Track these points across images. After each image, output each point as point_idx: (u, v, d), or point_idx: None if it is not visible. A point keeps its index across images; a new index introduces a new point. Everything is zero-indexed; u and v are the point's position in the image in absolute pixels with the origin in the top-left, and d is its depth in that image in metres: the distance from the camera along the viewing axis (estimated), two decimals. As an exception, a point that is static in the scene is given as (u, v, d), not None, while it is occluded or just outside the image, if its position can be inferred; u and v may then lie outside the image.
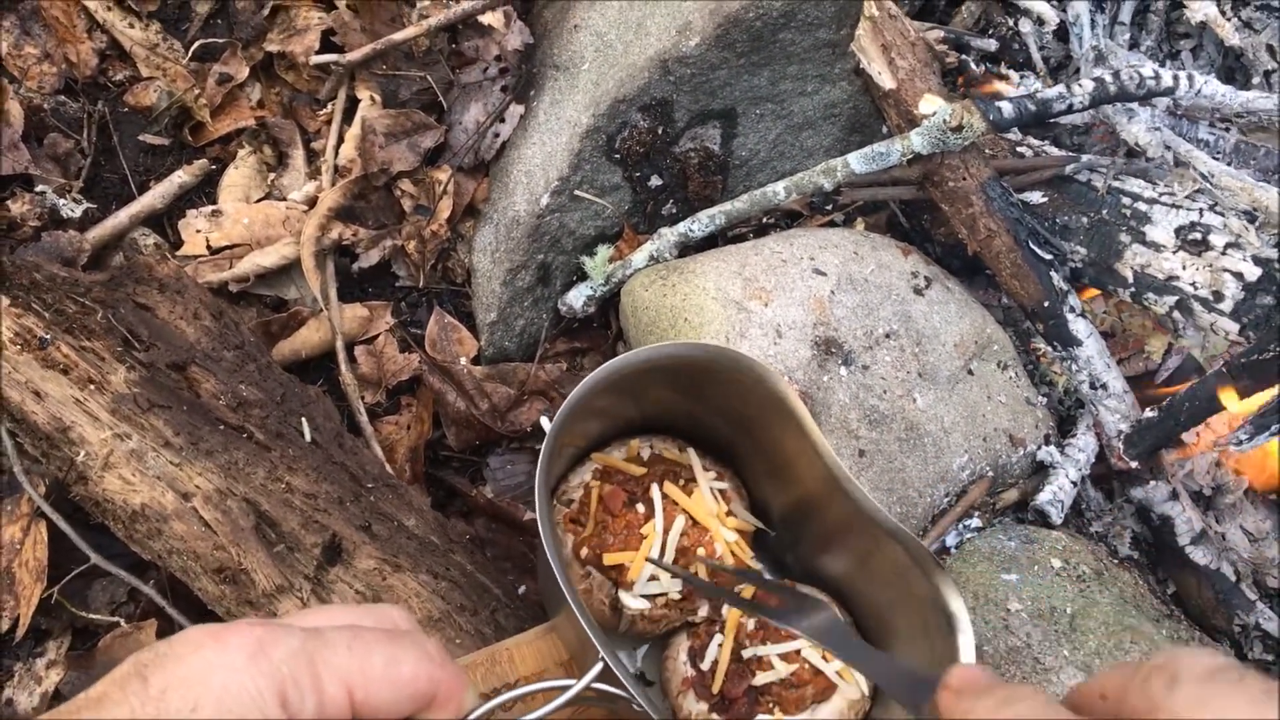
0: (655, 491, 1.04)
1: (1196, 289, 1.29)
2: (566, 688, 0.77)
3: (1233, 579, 1.40)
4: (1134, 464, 1.35)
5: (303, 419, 1.21)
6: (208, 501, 1.09)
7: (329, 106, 1.50)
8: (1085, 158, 1.35)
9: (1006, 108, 1.23)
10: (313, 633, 0.56)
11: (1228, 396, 1.20)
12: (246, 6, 1.53)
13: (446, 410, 1.35)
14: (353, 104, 1.50)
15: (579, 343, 1.44)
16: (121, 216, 1.38)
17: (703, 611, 1.04)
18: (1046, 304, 1.31)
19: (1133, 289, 1.33)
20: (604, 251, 1.38)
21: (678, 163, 1.39)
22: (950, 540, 1.28)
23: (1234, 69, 1.63)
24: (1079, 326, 1.32)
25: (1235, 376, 1.25)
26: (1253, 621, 1.38)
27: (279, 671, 0.53)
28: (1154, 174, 1.39)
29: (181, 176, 1.42)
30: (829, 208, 1.45)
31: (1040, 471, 1.37)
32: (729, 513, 1.07)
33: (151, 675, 0.52)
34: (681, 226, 1.33)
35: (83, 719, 0.51)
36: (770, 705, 0.98)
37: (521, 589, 1.21)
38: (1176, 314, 1.31)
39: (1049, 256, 1.31)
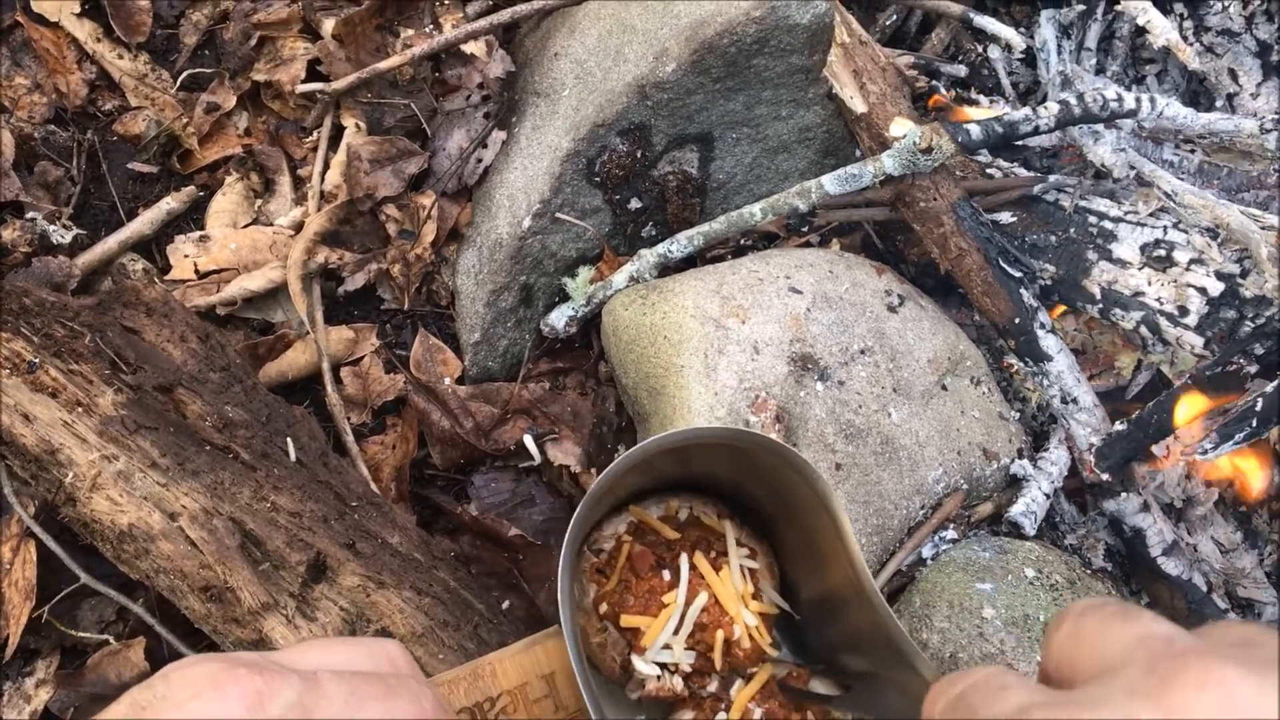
0: (684, 561, 1.02)
1: (1162, 304, 1.32)
2: None
3: (1204, 589, 1.42)
4: (1105, 476, 1.38)
5: (288, 439, 1.23)
6: (194, 521, 1.11)
7: (315, 134, 1.53)
8: (1053, 178, 1.39)
9: (975, 130, 1.26)
10: (311, 683, 0.56)
11: (1188, 403, 1.23)
12: (234, 37, 1.56)
13: (431, 429, 1.37)
14: (338, 131, 1.53)
15: (561, 362, 1.47)
16: (110, 243, 1.41)
17: (711, 687, 1.02)
18: (1017, 320, 1.34)
19: (1100, 305, 1.36)
20: (585, 273, 1.41)
21: (657, 186, 1.43)
22: (927, 551, 1.31)
23: (1198, 93, 1.67)
24: (1049, 342, 1.36)
25: (1200, 389, 1.29)
26: (1224, 631, 1.41)
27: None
28: (1120, 194, 1.43)
29: (170, 203, 1.45)
30: (805, 229, 1.49)
31: (1014, 484, 1.40)
32: (755, 594, 1.04)
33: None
34: (661, 247, 1.36)
35: None
36: None
37: (505, 604, 1.23)
38: (1143, 329, 1.35)
39: (1019, 274, 1.34)
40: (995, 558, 1.27)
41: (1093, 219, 1.38)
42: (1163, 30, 1.49)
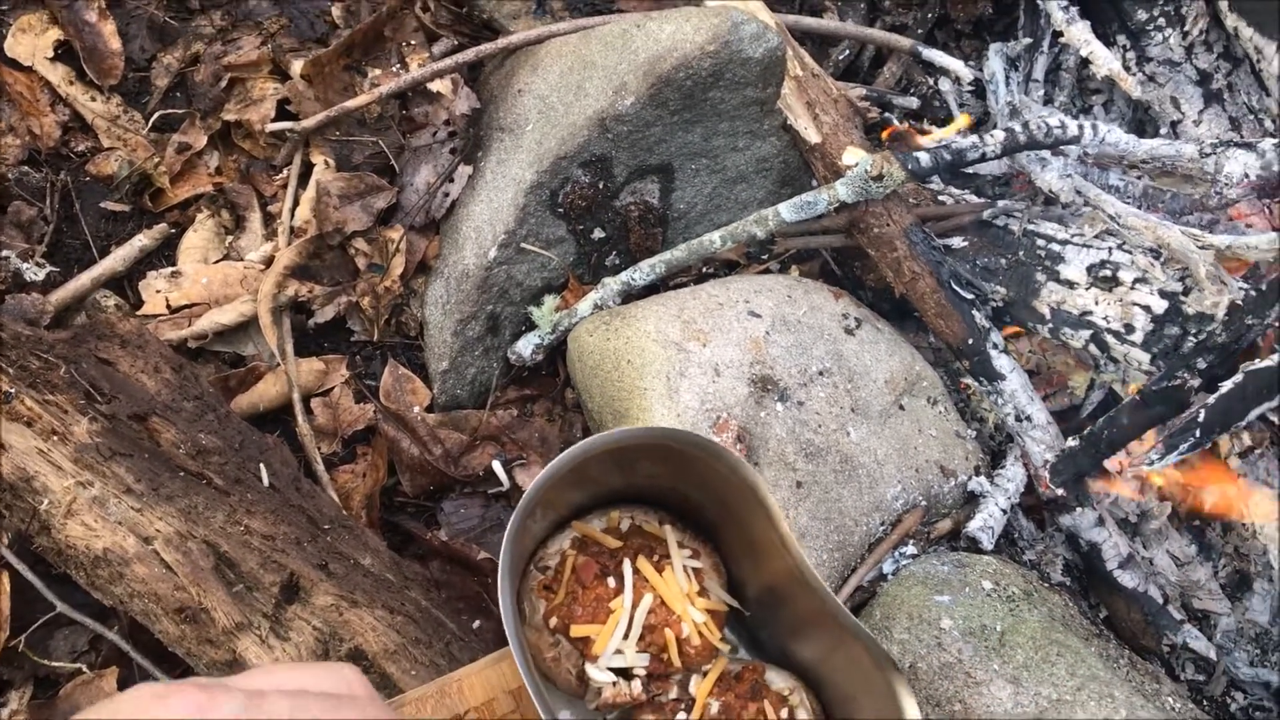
0: (627, 566, 1.06)
1: (1109, 322, 1.37)
2: None
3: (1160, 601, 1.46)
4: (1060, 492, 1.42)
5: (260, 465, 1.25)
6: (168, 544, 1.13)
7: (285, 171, 1.56)
8: (1001, 203, 1.44)
9: (924, 157, 1.31)
10: (256, 698, 0.57)
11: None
12: (204, 79, 1.60)
13: (401, 457, 1.40)
14: (308, 168, 1.56)
15: (529, 390, 1.50)
16: (83, 279, 1.43)
17: (672, 693, 1.05)
18: (970, 341, 1.38)
19: (1051, 325, 1.41)
20: (550, 301, 1.44)
21: (619, 216, 1.47)
22: (887, 567, 1.34)
23: (1144, 121, 1.73)
24: (1002, 362, 1.40)
25: (1149, 404, 1.33)
26: (1181, 641, 1.44)
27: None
28: (1068, 218, 1.48)
29: (142, 240, 1.48)
30: (765, 256, 1.53)
31: (972, 501, 1.43)
32: (701, 591, 1.08)
33: None
34: (624, 275, 1.39)
35: None
36: None
37: (476, 624, 1.26)
38: (1092, 347, 1.39)
39: (970, 296, 1.38)
40: (954, 571, 1.30)
41: (1041, 242, 1.43)
42: (1105, 61, 1.55)
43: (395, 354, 1.51)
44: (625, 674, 1.04)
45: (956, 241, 1.45)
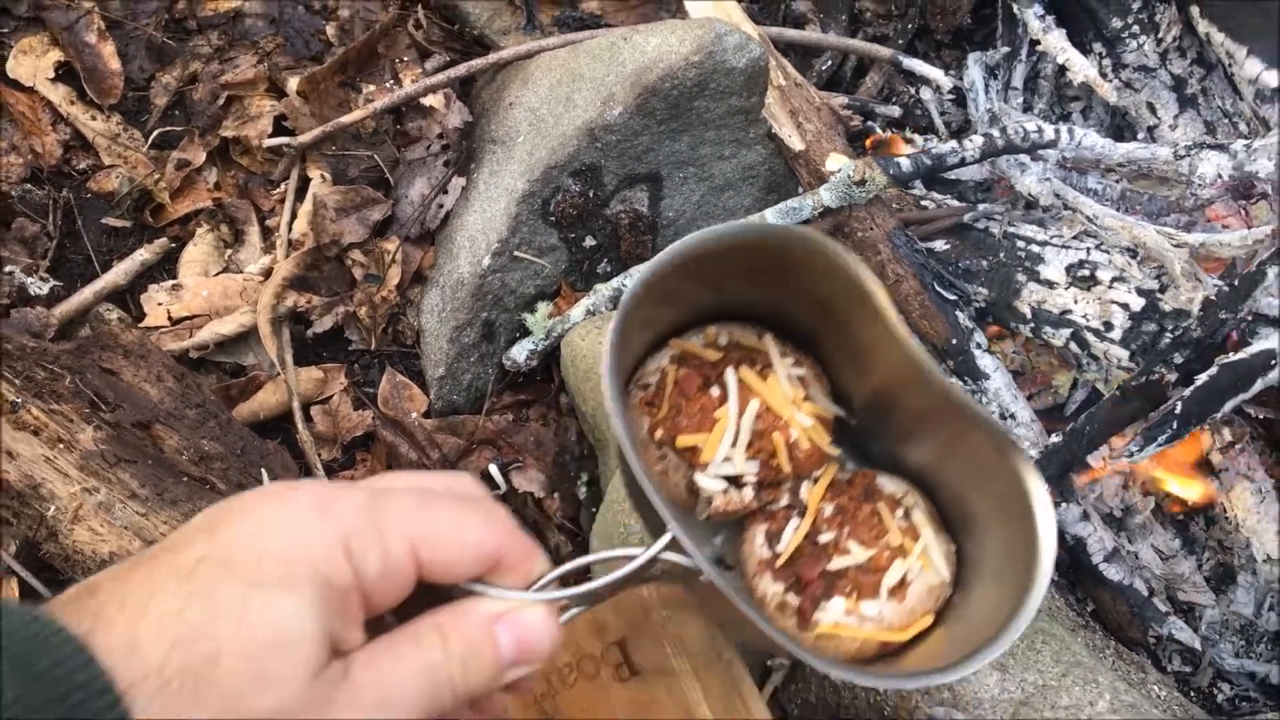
0: (730, 375, 1.01)
1: (1088, 320, 1.40)
2: (632, 558, 0.76)
3: (1145, 594, 1.49)
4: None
5: (262, 469, 1.28)
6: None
7: (282, 186, 1.60)
8: (982, 206, 1.47)
9: (904, 163, 1.35)
10: (379, 491, 0.57)
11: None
12: (203, 98, 1.64)
13: (399, 461, 1.43)
14: (304, 183, 1.60)
15: (524, 395, 1.53)
16: (86, 293, 1.47)
17: (782, 501, 1.01)
18: (954, 341, 1.42)
19: (1032, 324, 1.44)
20: (543, 308, 1.48)
21: (610, 224, 1.50)
22: (876, 562, 1.37)
23: (1121, 126, 1.78)
24: (985, 361, 1.43)
25: (1127, 399, 1.36)
26: (1166, 633, 1.47)
27: (344, 524, 0.53)
28: (1048, 221, 1.52)
29: (143, 255, 1.51)
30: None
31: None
32: (806, 398, 1.03)
33: (220, 526, 0.53)
34: (614, 282, 1.43)
35: (157, 558, 0.51)
36: (847, 589, 0.95)
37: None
38: (1073, 345, 1.43)
39: (953, 297, 1.42)
40: (941, 564, 1.33)
41: (1021, 243, 1.46)
42: (1081, 68, 1.59)
43: (393, 362, 1.54)
44: (735, 482, 1.00)
45: (939, 245, 1.49)
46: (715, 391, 1.00)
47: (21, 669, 0.44)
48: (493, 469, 1.44)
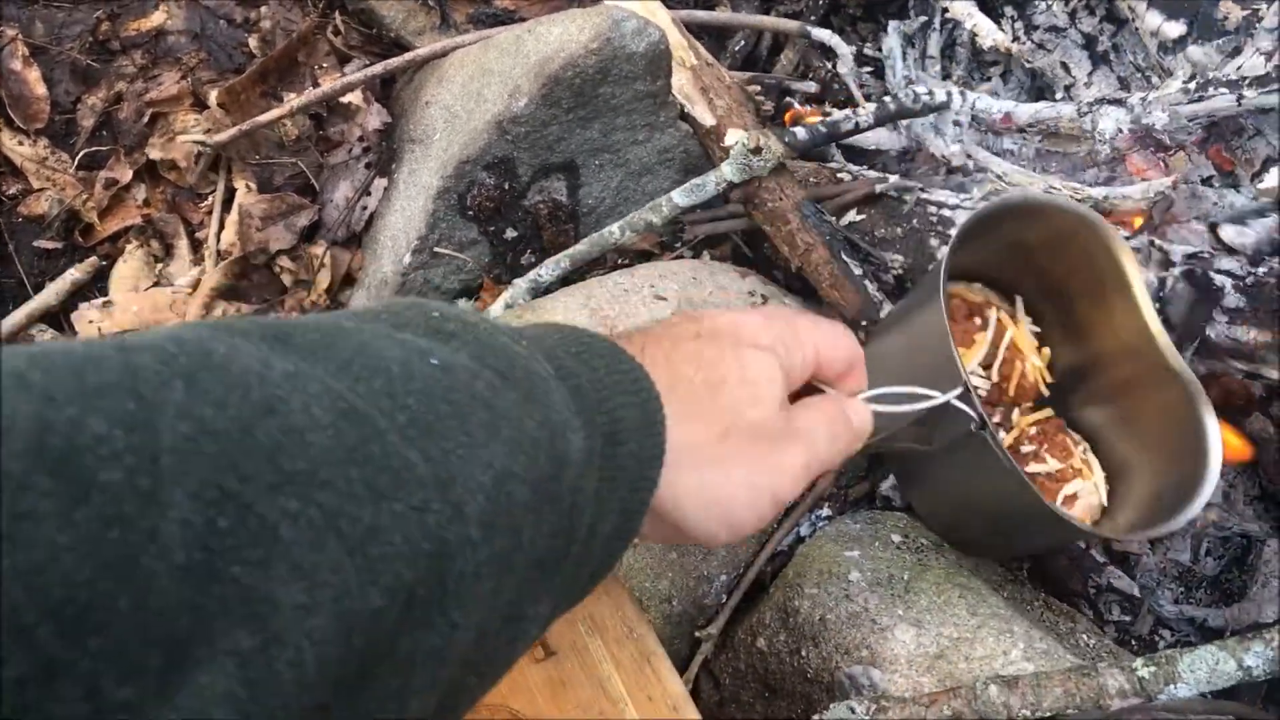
0: (993, 311, 1.30)
1: (1001, 280, 1.42)
2: (930, 396, 0.93)
3: (1082, 545, 1.51)
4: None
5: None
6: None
7: (210, 198, 1.62)
8: (893, 178, 1.49)
9: (800, 132, 1.37)
10: (787, 312, 0.73)
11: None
12: (128, 116, 1.66)
13: (333, 461, 1.45)
14: (231, 194, 1.62)
15: (456, 390, 1.55)
16: (18, 315, 1.49)
17: (996, 419, 1.28)
18: (864, 310, 1.43)
19: (948, 287, 1.46)
20: (464, 305, 1.50)
21: (529, 215, 1.52)
22: (804, 530, 1.39)
23: (1042, 88, 1.79)
24: (903, 326, 1.45)
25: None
26: (1105, 582, 1.49)
27: (780, 329, 0.68)
28: (967, 185, 1.53)
29: (74, 274, 1.54)
30: (678, 244, 1.58)
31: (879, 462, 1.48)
32: (1039, 348, 1.34)
33: (702, 318, 0.67)
34: (531, 274, 1.45)
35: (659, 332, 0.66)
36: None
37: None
38: (989, 305, 1.45)
39: (863, 268, 1.44)
40: (865, 528, 1.35)
41: (932, 209, 1.48)
42: (989, 32, 1.61)
43: (326, 365, 1.56)
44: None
45: (854, 216, 1.51)
46: (977, 322, 1.29)
47: (589, 361, 0.56)
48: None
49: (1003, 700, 1.05)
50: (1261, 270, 1.31)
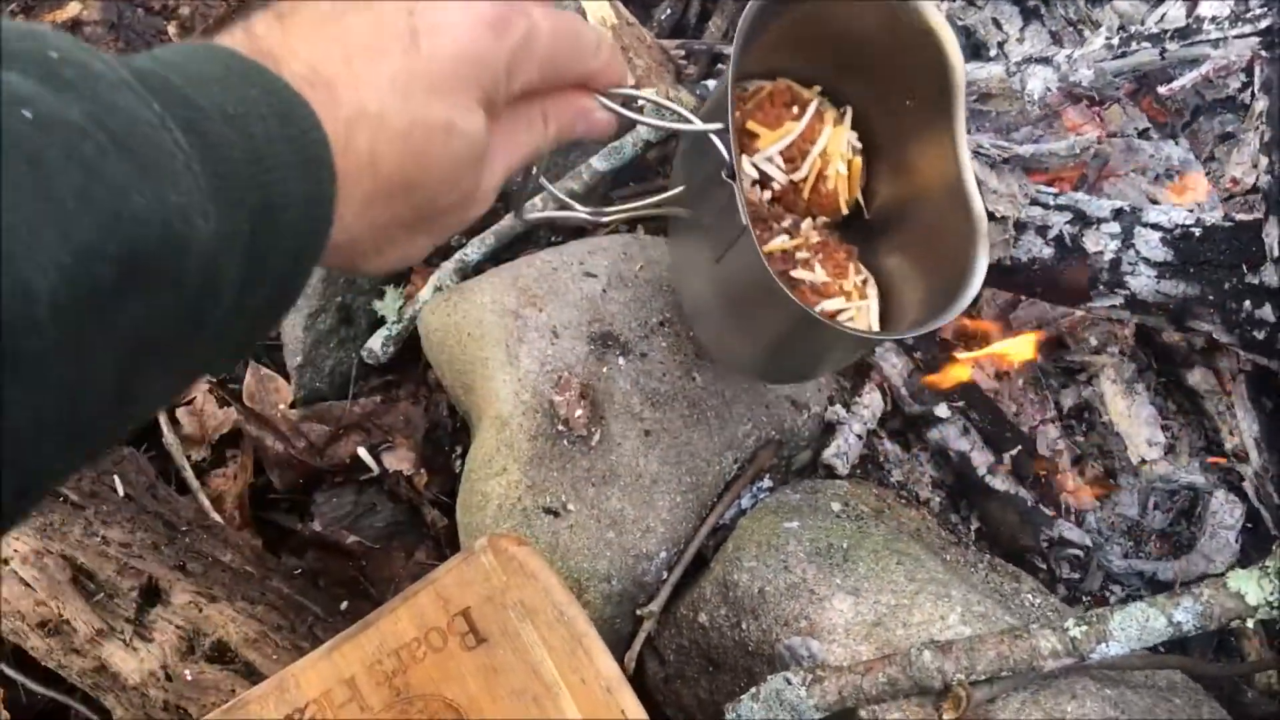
0: (815, 102, 1.20)
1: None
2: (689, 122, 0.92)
3: (1031, 501, 1.50)
4: (919, 407, 1.47)
5: (115, 476, 1.29)
6: (25, 562, 1.17)
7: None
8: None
9: (713, 84, 1.36)
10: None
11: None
12: None
13: (267, 454, 1.43)
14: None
15: (392, 375, 1.53)
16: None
17: (785, 224, 1.19)
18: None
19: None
20: (392, 293, 1.47)
21: (457, 196, 1.50)
22: (745, 502, 1.38)
23: (978, 45, 1.78)
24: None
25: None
26: (1056, 534, 1.48)
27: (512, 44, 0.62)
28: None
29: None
30: (607, 220, 1.56)
31: (830, 431, 1.47)
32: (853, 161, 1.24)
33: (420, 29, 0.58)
34: (457, 254, 1.43)
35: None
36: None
37: (344, 605, 1.29)
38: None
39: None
40: (805, 498, 1.34)
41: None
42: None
43: (258, 357, 1.54)
44: (763, 183, 1.19)
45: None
46: (794, 110, 1.19)
47: (248, 125, 0.48)
48: (362, 452, 1.44)
49: (937, 665, 1.04)
50: (1190, 224, 1.31)
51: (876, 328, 1.19)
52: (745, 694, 1.11)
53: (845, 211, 1.23)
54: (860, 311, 1.18)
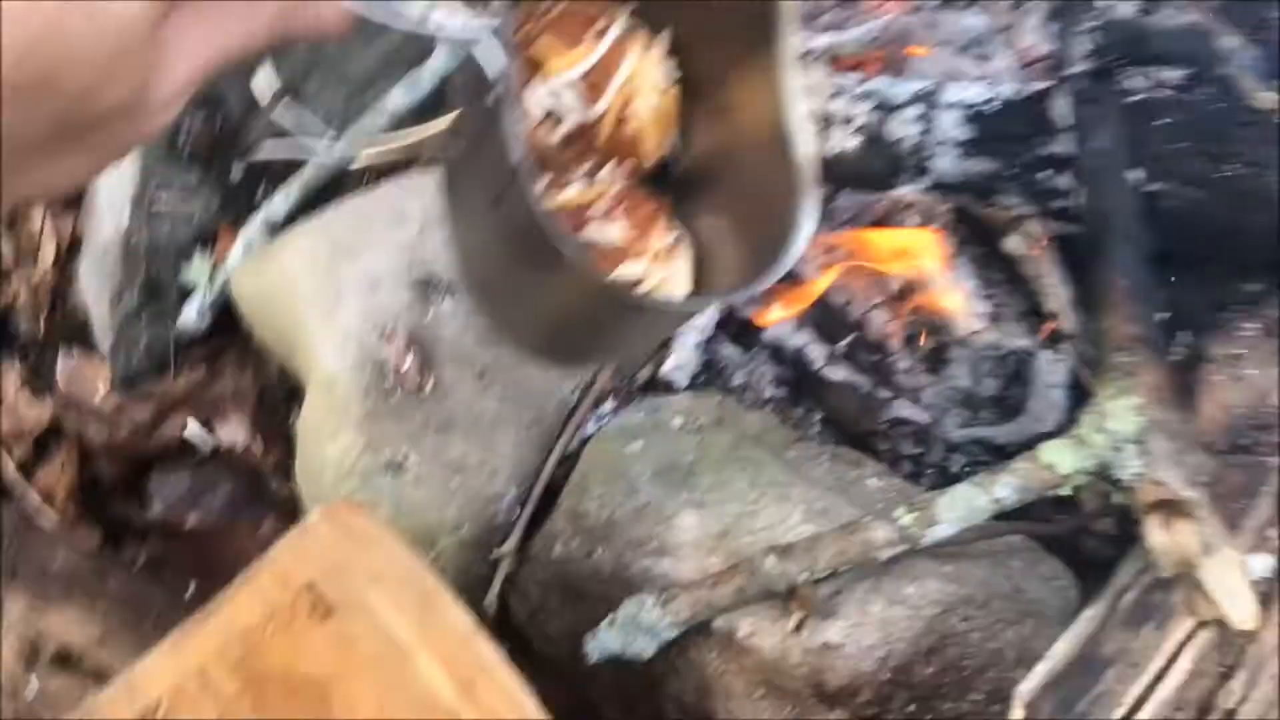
0: (621, 23, 0.96)
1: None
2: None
3: (869, 386, 1.54)
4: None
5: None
6: None
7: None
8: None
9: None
10: None
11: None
12: None
13: (90, 444, 1.37)
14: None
15: (214, 343, 1.47)
16: None
17: (581, 171, 0.96)
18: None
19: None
20: (200, 260, 1.41)
21: (255, 149, 1.43)
22: (591, 429, 1.38)
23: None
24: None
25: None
26: (894, 414, 1.52)
27: None
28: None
29: None
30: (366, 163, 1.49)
31: (666, 344, 1.47)
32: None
33: None
34: (262, 211, 1.37)
35: None
36: None
37: (189, 592, 1.27)
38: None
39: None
40: (647, 417, 1.35)
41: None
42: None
43: (71, 342, 1.47)
44: (557, 121, 0.96)
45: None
46: (597, 33, 0.95)
47: None
48: (191, 428, 1.40)
49: (780, 569, 1.07)
50: (989, 98, 1.33)
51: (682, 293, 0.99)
52: (603, 622, 1.13)
53: (656, 156, 1.01)
54: (666, 280, 0.97)
